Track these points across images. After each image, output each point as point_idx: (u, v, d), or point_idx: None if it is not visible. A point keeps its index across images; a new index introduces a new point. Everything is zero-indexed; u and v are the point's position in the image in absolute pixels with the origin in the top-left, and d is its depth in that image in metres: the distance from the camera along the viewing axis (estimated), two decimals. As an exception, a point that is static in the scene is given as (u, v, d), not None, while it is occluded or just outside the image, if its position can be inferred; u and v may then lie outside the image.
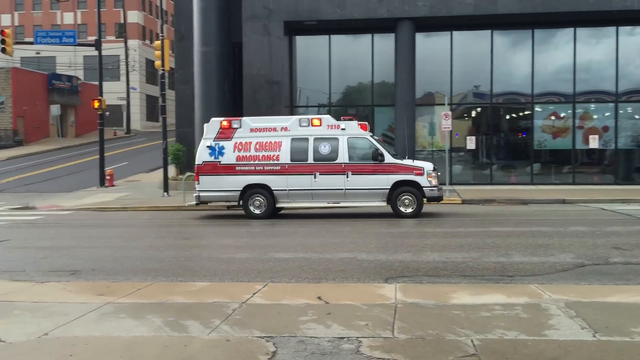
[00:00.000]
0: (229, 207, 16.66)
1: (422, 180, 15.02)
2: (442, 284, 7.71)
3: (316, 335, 5.42)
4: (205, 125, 16.07)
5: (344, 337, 5.35)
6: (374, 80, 25.44)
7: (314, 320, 5.87)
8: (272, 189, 15.24)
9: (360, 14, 23.27)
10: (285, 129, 15.40)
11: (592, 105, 24.43)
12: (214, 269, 9.09)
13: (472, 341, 5.17)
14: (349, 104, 26.47)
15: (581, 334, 5.35)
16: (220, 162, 15.44)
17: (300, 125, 15.39)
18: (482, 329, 5.50)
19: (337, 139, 15.18)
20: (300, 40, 25.87)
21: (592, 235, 11.50)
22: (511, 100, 24.97)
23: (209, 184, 15.51)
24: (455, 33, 24.50)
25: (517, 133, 25.23)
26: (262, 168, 15.30)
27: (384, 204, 15.13)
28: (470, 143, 24.13)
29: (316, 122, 15.39)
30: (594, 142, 23.63)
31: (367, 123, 15.82)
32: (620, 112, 23.97)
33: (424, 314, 6.11)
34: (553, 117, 24.52)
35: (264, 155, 15.28)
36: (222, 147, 15.44)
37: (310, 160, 15.16)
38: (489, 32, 24.20)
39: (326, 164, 15.10)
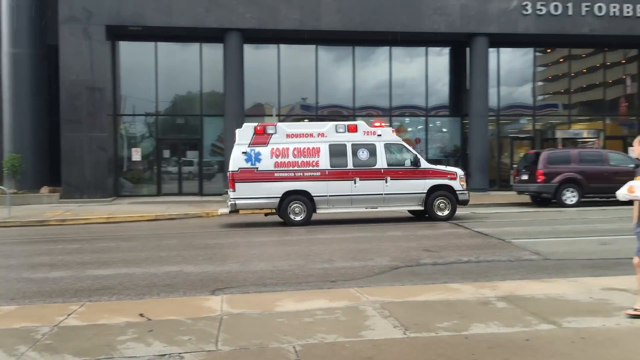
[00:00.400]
0: (266, 215, 16.21)
1: (456, 185, 15.71)
2: (269, 292, 7.83)
3: (135, 355, 5.20)
4: (237, 130, 15.34)
5: (166, 354, 5.19)
6: (203, 90, 25.20)
7: (134, 339, 5.62)
8: (313, 195, 15.04)
9: (188, 22, 22.92)
10: (322, 134, 15.27)
11: (407, 119, 26.50)
12: (23, 290, 8.32)
13: (294, 347, 5.31)
14: (177, 113, 25.93)
15: (393, 332, 5.74)
16: (257, 168, 14.91)
17: (337, 132, 15.36)
18: (304, 335, 5.67)
19: (374, 144, 15.37)
20: (125, 46, 24.81)
21: (405, 239, 12.44)
22: (335, 113, 26.20)
23: (245, 192, 14.88)
24: (282, 46, 25.16)
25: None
26: (302, 174, 15.04)
27: (421, 208, 15.53)
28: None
29: (353, 128, 15.49)
30: (409, 153, 25.58)
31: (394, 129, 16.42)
32: (430, 125, 26.32)
33: (249, 324, 6.15)
34: (373, 129, 26.17)
35: (303, 162, 15.04)
36: (259, 153, 14.89)
37: (350, 166, 15.21)
38: (314, 46, 25.20)
39: (366, 169, 15.22)
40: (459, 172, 16.19)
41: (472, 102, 24.56)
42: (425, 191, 15.55)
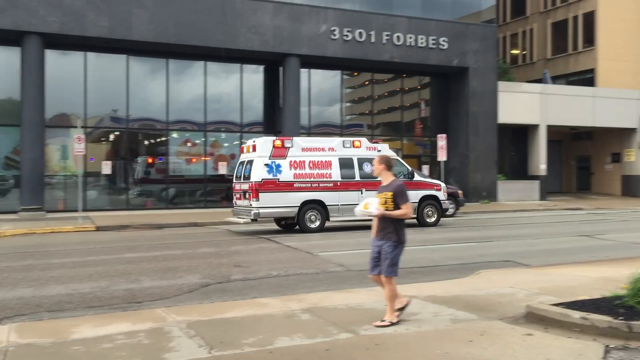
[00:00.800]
0: (285, 223, 16.96)
1: (440, 195, 17.87)
2: (66, 318, 7.26)
3: None
4: (259, 143, 16.16)
5: None
6: (-4, 97, 22.81)
7: None
8: (326, 204, 16.27)
9: (-22, 21, 20.63)
10: (332, 149, 16.67)
11: (223, 135, 26.50)
12: None
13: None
14: (-37, 121, 23.09)
15: (198, 352, 5.65)
16: (278, 179, 15.85)
17: (344, 147, 16.85)
18: (102, 362, 5.34)
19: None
20: None
21: (217, 255, 12.37)
22: (148, 126, 25.33)
23: (268, 201, 15.74)
24: (90, 54, 23.74)
25: (154, 158, 25.65)
26: (317, 185, 16.26)
27: (414, 216, 16.64)
28: (106, 168, 23.54)
29: (357, 144, 17.06)
30: (222, 169, 25.59)
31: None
32: (245, 141, 26.50)
33: (40, 354, 5.64)
34: (188, 144, 25.78)
35: (318, 173, 16.28)
36: (279, 165, 15.89)
37: (357, 177, 16.66)
38: (124, 57, 24.14)
39: (370, 181, 16.23)
40: (442, 184, 18.38)
41: (285, 119, 25.33)
42: (417, 201, 17.27)
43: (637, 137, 32.66)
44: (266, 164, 15.79)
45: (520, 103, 29.93)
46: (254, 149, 16.25)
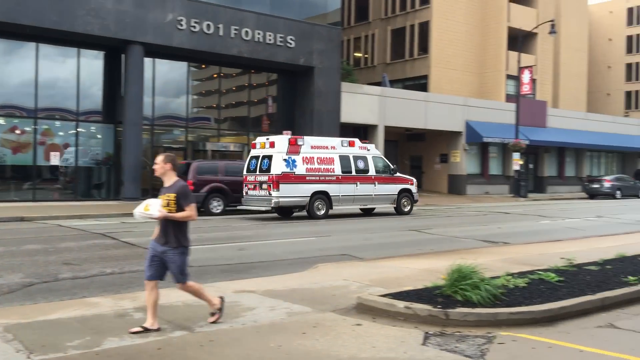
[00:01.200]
0: (298, 210, 19.36)
1: (413, 188, 21.41)
2: None
3: None
4: (277, 140, 18.58)
5: None
6: None
7: None
8: (330, 195, 18.97)
9: None
10: (334, 147, 19.51)
11: (57, 122, 24.63)
12: None
13: None
14: None
15: (16, 357, 5.22)
16: (294, 172, 18.27)
17: (342, 146, 19.82)
18: None
19: (366, 157, 20.21)
20: None
21: (45, 252, 11.49)
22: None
23: (286, 191, 18.04)
24: None
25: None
26: (324, 178, 18.90)
27: (393, 206, 20.83)
28: None
29: (352, 143, 20.11)
30: (55, 159, 23.83)
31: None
32: (82, 130, 24.96)
33: None
34: (16, 131, 23.61)
35: (324, 168, 18.93)
36: (294, 160, 18.30)
37: (354, 172, 19.63)
38: (-60, 31, 21.53)
39: (363, 175, 19.76)
40: (414, 179, 21.94)
41: (127, 109, 24.20)
42: (397, 193, 20.81)
43: (462, 140, 35.77)
44: (284, 159, 18.15)
45: (361, 104, 31.38)
46: (272, 145, 18.55)
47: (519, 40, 36.35)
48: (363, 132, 32.91)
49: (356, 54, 45.47)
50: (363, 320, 6.49)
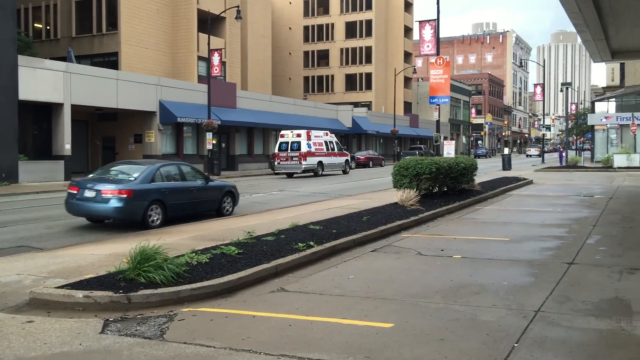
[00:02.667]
0: (312, 171, 33.63)
1: (348, 159, 38.14)
2: None
3: None
4: (303, 133, 33.30)
5: None
6: None
7: None
8: (324, 163, 34.00)
9: None
10: (320, 136, 34.67)
11: None
12: None
13: None
14: None
15: None
16: (311, 150, 32.96)
17: (323, 135, 35.20)
18: None
19: (332, 141, 35.84)
20: None
21: None
22: None
23: (308, 161, 32.52)
24: None
25: None
26: (320, 154, 33.81)
27: (342, 172, 36.39)
28: None
29: (327, 134, 36.19)
30: None
31: None
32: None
33: None
34: None
35: (319, 148, 33.86)
36: (310, 144, 32.99)
37: (330, 150, 35.07)
38: None
39: (332, 152, 35.31)
40: (349, 153, 40.15)
41: None
42: (343, 162, 36.52)
43: (156, 120, 35.41)
44: (307, 143, 32.62)
45: (43, 80, 28.60)
46: (299, 136, 32.99)
47: (209, 23, 37.27)
48: (47, 111, 30.14)
49: (37, 25, 41.27)
50: (36, 317, 6.01)
